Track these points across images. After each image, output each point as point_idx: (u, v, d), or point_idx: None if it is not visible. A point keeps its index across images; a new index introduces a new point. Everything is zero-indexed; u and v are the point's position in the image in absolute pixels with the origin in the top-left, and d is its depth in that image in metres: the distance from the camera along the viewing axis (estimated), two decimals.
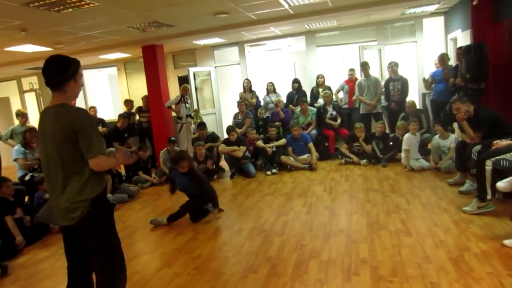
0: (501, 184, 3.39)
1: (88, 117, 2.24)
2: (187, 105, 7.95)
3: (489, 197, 3.74)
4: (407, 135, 5.94)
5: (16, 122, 6.64)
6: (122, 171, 6.73)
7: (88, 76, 10.92)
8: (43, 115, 2.26)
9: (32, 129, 5.57)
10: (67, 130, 2.11)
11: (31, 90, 10.93)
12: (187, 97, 8.03)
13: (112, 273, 2.28)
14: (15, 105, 10.28)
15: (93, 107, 8.28)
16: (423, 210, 4.11)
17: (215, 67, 9.66)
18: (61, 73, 2.18)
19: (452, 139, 5.49)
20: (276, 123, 7.28)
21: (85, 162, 2.16)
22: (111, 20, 5.58)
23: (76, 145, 2.13)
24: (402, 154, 5.98)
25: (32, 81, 10.96)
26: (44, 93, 10.62)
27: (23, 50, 7.11)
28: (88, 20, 5.44)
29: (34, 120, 10.15)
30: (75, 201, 2.16)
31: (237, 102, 7.90)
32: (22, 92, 11.10)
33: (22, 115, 6.36)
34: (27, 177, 5.26)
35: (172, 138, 7.10)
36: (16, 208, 4.49)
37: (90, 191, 2.19)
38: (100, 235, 2.23)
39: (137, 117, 8.20)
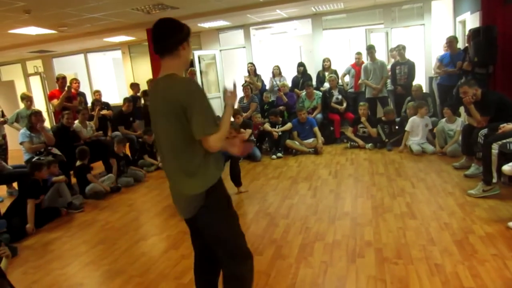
0: (507, 168, 3.38)
1: (199, 90, 1.83)
2: None
3: (494, 180, 3.74)
4: (412, 118, 5.91)
5: (21, 105, 6.67)
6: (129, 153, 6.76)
7: (93, 60, 10.90)
8: (152, 89, 1.96)
9: (37, 112, 5.58)
10: (175, 105, 1.77)
11: (35, 73, 10.96)
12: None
13: (234, 267, 2.02)
14: (20, 89, 10.30)
15: (97, 91, 8.27)
16: (428, 194, 4.11)
17: (220, 50, 9.59)
18: (177, 33, 1.86)
19: (459, 123, 5.46)
20: (281, 107, 7.26)
21: (196, 144, 1.83)
22: (115, 2, 5.54)
23: (185, 124, 1.79)
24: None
25: (37, 64, 10.97)
26: (49, 76, 10.63)
27: (27, 33, 7.09)
28: (92, 2, 5.40)
29: (39, 103, 10.21)
30: (188, 193, 1.89)
31: (242, 85, 7.86)
32: (26, 75, 11.13)
33: (27, 99, 6.37)
34: (34, 160, 5.30)
35: None
36: (42, 194, 4.55)
37: (203, 181, 1.87)
38: (215, 229, 1.97)
39: (142, 101, 8.19)
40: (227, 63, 9.93)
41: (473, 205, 3.67)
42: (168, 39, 1.86)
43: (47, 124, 7.55)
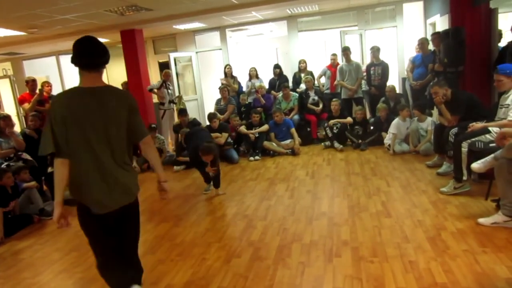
0: (476, 165, 3.49)
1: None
2: (169, 91, 7.85)
3: (465, 178, 3.86)
4: (396, 120, 5.98)
5: None
6: None
7: (66, 62, 10.62)
8: (90, 95, 2.10)
9: (6, 116, 5.39)
10: (130, 110, 2.21)
11: (4, 76, 10.57)
12: (169, 83, 7.93)
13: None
14: None
15: None
16: (403, 192, 4.20)
17: (197, 52, 9.53)
18: (106, 54, 2.16)
19: (429, 122, 5.62)
20: (258, 109, 7.27)
21: (129, 144, 2.28)
22: (87, 3, 5.41)
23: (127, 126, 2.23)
24: (388, 136, 6.05)
25: (6, 67, 10.59)
26: (19, 80, 10.29)
27: None
28: (63, 3, 5.26)
29: (8, 107, 9.88)
30: (133, 179, 2.29)
31: (219, 88, 7.83)
32: None
33: None
34: (3, 166, 5.12)
35: (153, 125, 7.00)
36: (11, 201, 4.40)
37: (135, 172, 2.37)
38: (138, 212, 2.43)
39: None
40: (204, 65, 9.87)
41: (445, 202, 3.77)
42: (104, 57, 2.15)
43: (17, 128, 7.31)
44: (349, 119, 6.69)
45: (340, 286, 2.55)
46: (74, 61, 2.12)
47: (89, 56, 2.10)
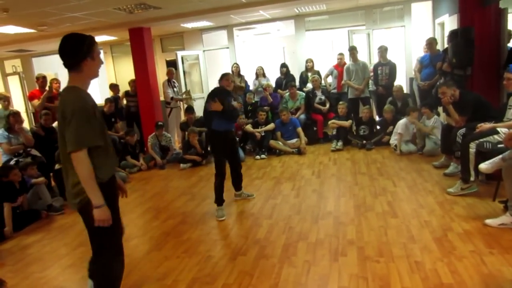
0: (483, 166, 3.47)
1: (80, 106, 2.05)
2: (174, 89, 7.89)
3: (472, 178, 3.83)
4: (404, 120, 5.95)
5: None
6: None
7: None
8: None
9: (16, 113, 5.45)
10: (62, 118, 2.06)
11: (14, 73, 10.69)
12: (173, 80, 7.96)
13: (107, 256, 2.30)
14: None
15: None
16: (409, 192, 4.19)
17: (204, 51, 9.55)
18: (76, 52, 2.06)
19: (433, 119, 5.60)
20: (265, 107, 7.28)
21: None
22: (97, 1, 5.45)
23: None
24: (393, 136, 6.05)
25: (16, 63, 10.70)
26: (28, 76, 10.40)
27: (5, 32, 6.91)
28: (73, 1, 5.30)
29: (17, 104, 9.97)
30: (77, 186, 2.09)
31: None
32: (4, 75, 10.84)
33: (5, 99, 6.20)
34: (12, 162, 5.18)
35: (160, 123, 7.04)
36: (19, 196, 4.46)
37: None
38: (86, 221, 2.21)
39: (125, 102, 8.10)
40: (211, 63, 9.89)
41: (452, 203, 3.75)
42: (71, 58, 2.08)
43: (26, 124, 7.40)
44: (348, 122, 6.70)
45: (345, 285, 2.56)
46: None
47: (60, 57, 2.10)
